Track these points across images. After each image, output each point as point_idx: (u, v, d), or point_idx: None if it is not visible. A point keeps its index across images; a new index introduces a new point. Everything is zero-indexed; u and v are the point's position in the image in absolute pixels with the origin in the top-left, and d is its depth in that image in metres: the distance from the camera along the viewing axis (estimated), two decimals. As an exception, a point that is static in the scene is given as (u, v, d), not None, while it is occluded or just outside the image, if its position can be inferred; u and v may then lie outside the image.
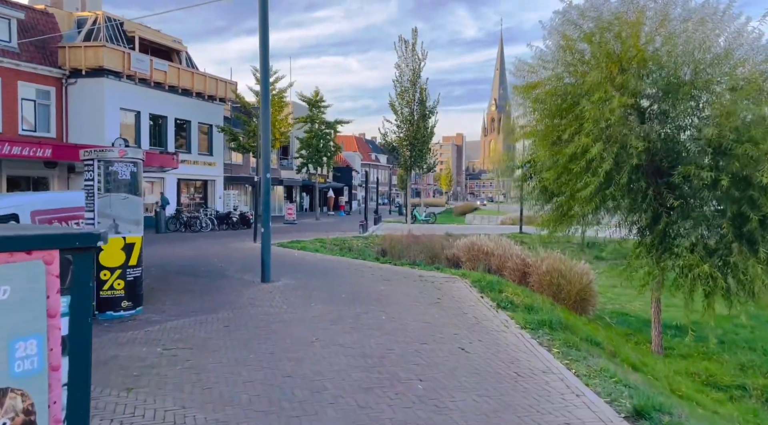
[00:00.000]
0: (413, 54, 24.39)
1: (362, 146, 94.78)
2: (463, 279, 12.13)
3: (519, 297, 9.94)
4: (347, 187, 65.33)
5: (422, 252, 15.94)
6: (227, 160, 39.47)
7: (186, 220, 28.82)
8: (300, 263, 14.87)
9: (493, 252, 14.50)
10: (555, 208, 9.92)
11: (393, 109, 24.81)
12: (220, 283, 11.67)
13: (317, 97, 40.70)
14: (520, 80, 11.72)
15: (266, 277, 11.68)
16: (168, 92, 31.10)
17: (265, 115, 11.64)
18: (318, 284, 11.37)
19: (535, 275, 12.65)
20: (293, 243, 20.19)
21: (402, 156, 25.48)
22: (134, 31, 30.25)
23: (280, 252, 17.65)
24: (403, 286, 11.13)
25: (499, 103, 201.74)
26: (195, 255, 17.16)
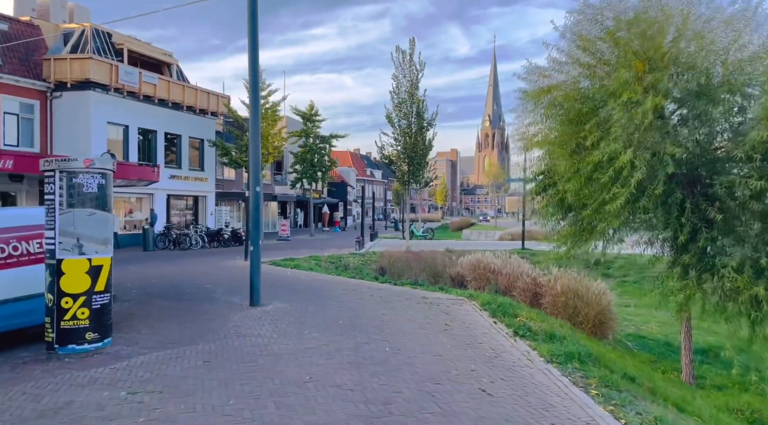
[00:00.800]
0: (410, 65, 23.62)
1: (357, 161, 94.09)
2: (471, 301, 11.11)
3: (536, 323, 8.93)
4: (342, 203, 64.37)
5: (424, 270, 14.93)
6: (219, 176, 38.48)
7: (175, 238, 27.72)
8: (293, 283, 13.82)
9: (500, 271, 13.50)
10: (574, 223, 8.97)
11: (390, 121, 23.97)
12: (205, 307, 10.60)
13: (312, 111, 39.89)
14: (531, 85, 10.87)
15: (255, 301, 10.63)
16: (158, 106, 30.19)
17: (255, 124, 10.69)
18: (312, 308, 10.32)
19: (548, 296, 11.65)
20: (286, 262, 19.13)
21: (399, 170, 24.56)
22: (123, 44, 29.39)
23: (272, 271, 16.59)
24: (406, 310, 10.10)
25: (493, 118, 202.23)
26: (181, 274, 16.07)
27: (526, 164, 11.01)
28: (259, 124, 10.83)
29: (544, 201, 9.95)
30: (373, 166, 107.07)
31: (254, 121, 10.70)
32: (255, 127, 10.75)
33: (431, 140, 24.15)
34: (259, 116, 10.77)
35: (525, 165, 10.86)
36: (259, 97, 10.50)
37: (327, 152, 41.03)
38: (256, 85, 10.63)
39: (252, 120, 10.70)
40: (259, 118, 10.81)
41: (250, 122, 10.77)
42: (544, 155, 10.43)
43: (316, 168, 39.88)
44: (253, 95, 10.58)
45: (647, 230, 8.52)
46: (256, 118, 10.71)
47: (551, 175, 9.42)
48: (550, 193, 9.70)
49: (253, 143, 10.83)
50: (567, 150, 8.56)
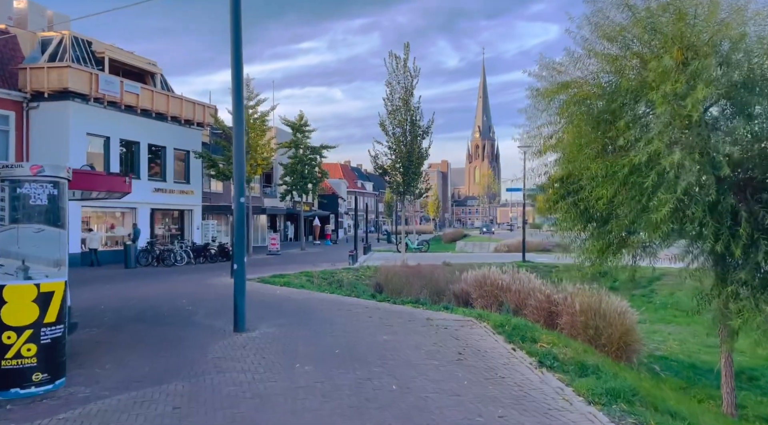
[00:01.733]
0: (405, 71, 22.66)
1: (348, 173, 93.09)
2: (482, 322, 10.00)
3: (560, 349, 7.84)
4: (333, 215, 63.19)
5: (424, 287, 13.82)
6: (206, 189, 37.24)
7: (159, 254, 26.40)
8: (283, 303, 12.64)
9: (509, 287, 12.41)
10: (601, 235, 7.92)
11: (384, 129, 22.95)
12: (183, 334, 9.40)
13: (301, 121, 38.87)
14: (544, 83, 9.88)
15: (240, 326, 9.45)
16: (141, 116, 29.00)
17: (239, 130, 9.59)
18: (304, 333, 9.15)
19: (565, 315, 10.56)
20: (276, 278, 17.94)
21: (394, 180, 23.49)
22: (104, 52, 28.24)
23: (261, 289, 15.39)
24: (410, 334, 8.96)
25: (483, 130, 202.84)
26: (162, 294, 14.83)
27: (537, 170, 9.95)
28: (243, 130, 9.73)
29: (563, 210, 8.90)
30: (364, 178, 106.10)
31: (238, 127, 9.60)
32: (239, 133, 9.65)
33: (427, 149, 23.16)
34: (243, 121, 9.67)
35: (538, 171, 9.80)
36: (243, 101, 9.43)
37: (317, 163, 39.96)
38: (240, 89, 9.55)
39: (235, 126, 9.61)
40: (244, 124, 9.71)
41: (233, 128, 9.67)
42: (561, 159, 9.40)
43: (307, 179, 38.77)
44: (236, 98, 9.49)
45: (691, 241, 7.48)
46: (240, 124, 9.62)
47: (574, 181, 8.38)
48: (569, 201, 8.66)
49: (237, 151, 9.72)
50: (592, 152, 7.54)
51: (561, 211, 9.08)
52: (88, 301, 13.64)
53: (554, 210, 9.20)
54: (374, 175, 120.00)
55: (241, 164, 9.70)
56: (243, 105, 9.55)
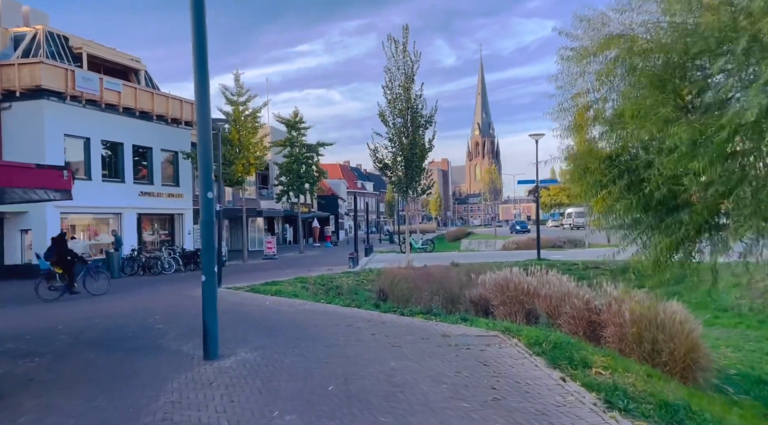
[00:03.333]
0: (404, 55, 20.78)
1: (347, 173, 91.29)
2: (510, 337, 8.12)
3: (624, 377, 5.97)
4: (333, 216, 61.35)
5: (435, 293, 11.94)
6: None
7: (145, 261, 24.55)
8: (270, 318, 10.77)
9: (537, 292, 10.50)
10: (670, 226, 6.04)
11: (383, 120, 21.04)
12: (141, 364, 7.53)
13: (296, 118, 37.03)
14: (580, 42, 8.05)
15: (211, 352, 7.58)
16: (123, 115, 27.14)
17: (202, 106, 7.72)
18: (291, 360, 7.28)
19: (611, 326, 8.64)
20: (267, 286, 16.07)
21: (395, 175, 21.60)
22: (81, 48, 26.43)
23: (248, 300, 13.52)
24: (425, 358, 7.08)
25: (483, 127, 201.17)
26: (136, 309, 12.98)
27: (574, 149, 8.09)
28: (208, 107, 7.86)
29: (613, 196, 7.02)
30: (364, 178, 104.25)
31: (201, 104, 7.73)
32: (202, 112, 7.78)
33: (431, 140, 21.25)
34: (207, 97, 7.80)
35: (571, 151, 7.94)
36: (207, 73, 7.58)
37: (314, 162, 38.10)
38: (203, 56, 7.67)
39: (198, 101, 7.74)
40: (208, 100, 7.83)
41: (195, 103, 7.80)
42: (608, 133, 7.54)
43: (303, 179, 36.92)
44: (199, 67, 7.61)
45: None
46: (204, 100, 7.75)
47: (632, 156, 6.55)
48: (622, 183, 6.79)
49: (200, 133, 7.86)
50: (659, 118, 5.68)
51: (610, 197, 7.20)
52: (47, 320, 11.81)
53: (601, 197, 7.32)
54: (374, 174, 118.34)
55: (206, 150, 7.83)
56: (207, 77, 7.70)
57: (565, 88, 8.36)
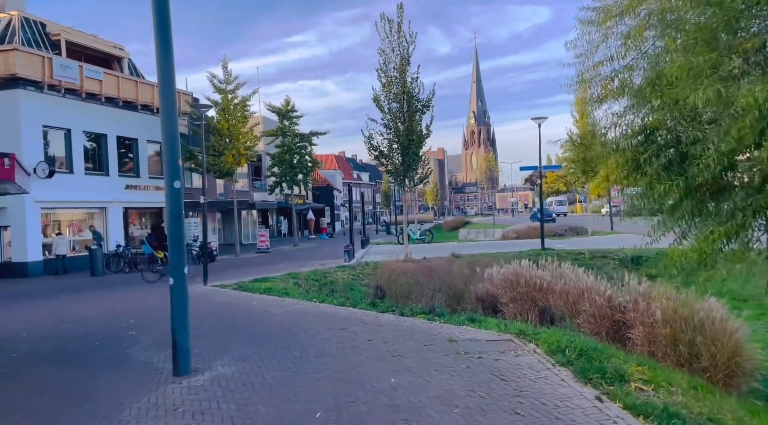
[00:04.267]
0: (399, 35, 19.61)
1: (343, 164, 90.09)
2: (526, 342, 7.10)
3: (670, 395, 4.95)
4: (329, 208, 60.22)
5: (438, 289, 10.90)
6: (188, 184, 34.22)
7: (131, 258, 23.43)
8: (256, 321, 9.72)
9: (552, 288, 9.44)
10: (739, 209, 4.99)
11: (378, 105, 19.88)
12: (100, 382, 6.48)
13: (288, 107, 35.78)
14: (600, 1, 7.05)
15: (182, 367, 6.52)
16: (106, 105, 25.92)
17: (166, 81, 6.61)
18: (274, 377, 6.23)
19: (639, 326, 7.61)
20: (257, 283, 15.02)
21: (391, 163, 20.49)
22: (59, 34, 25.16)
23: (233, 300, 12.47)
24: (431, 371, 6.05)
25: (478, 115, 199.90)
26: (109, 312, 11.92)
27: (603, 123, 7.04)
28: (172, 79, 6.75)
29: (647, 178, 5.98)
30: (360, 169, 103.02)
31: (164, 74, 6.62)
32: (166, 85, 6.68)
33: (428, 125, 20.14)
34: (171, 67, 6.68)
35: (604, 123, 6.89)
36: (170, 38, 6.45)
37: (308, 152, 36.90)
38: (164, 19, 6.56)
39: (160, 73, 6.62)
40: (172, 70, 6.71)
41: (158, 77, 6.69)
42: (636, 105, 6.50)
43: (296, 169, 35.74)
44: (161, 31, 6.49)
45: None
46: (167, 68, 6.64)
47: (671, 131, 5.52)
48: (662, 161, 5.74)
49: (165, 112, 6.75)
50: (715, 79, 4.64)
51: (644, 179, 6.17)
52: (12, 326, 10.75)
53: (634, 178, 6.28)
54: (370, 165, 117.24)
55: (171, 132, 6.73)
56: (170, 46, 6.58)
57: (586, 56, 7.33)
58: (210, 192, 38.27)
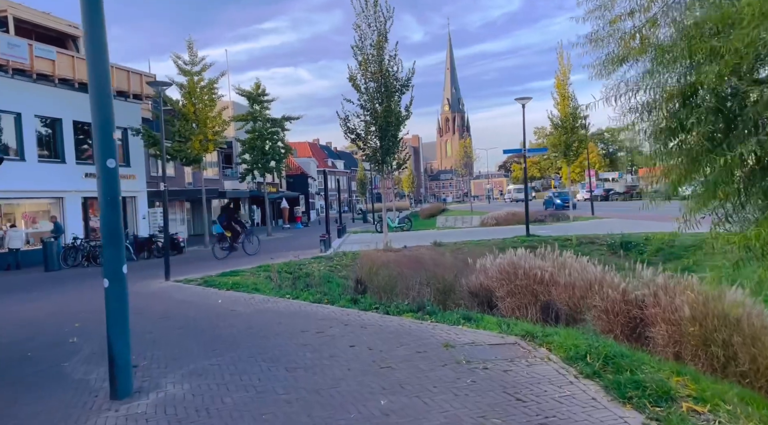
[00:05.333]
0: (375, 10, 18.33)
1: (317, 152, 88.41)
2: (535, 345, 6.05)
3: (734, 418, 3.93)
4: (303, 196, 58.68)
5: (425, 282, 9.81)
6: (154, 172, 32.48)
7: (90, 251, 21.82)
8: (219, 324, 8.48)
9: (555, 280, 8.41)
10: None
11: (354, 84, 18.59)
12: (17, 408, 5.22)
13: (258, 91, 34.16)
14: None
15: (120, 389, 5.28)
16: (60, 87, 24.06)
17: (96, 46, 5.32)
18: (235, 400, 5.05)
19: (662, 324, 6.62)
20: (225, 277, 13.75)
21: (368, 147, 19.28)
22: (5, 11, 23.14)
23: (197, 297, 11.20)
24: (429, 391, 4.94)
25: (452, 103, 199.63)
26: (55, 313, 10.56)
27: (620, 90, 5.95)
28: (103, 33, 5.44)
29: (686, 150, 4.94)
30: (335, 156, 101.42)
31: (92, 26, 5.31)
32: (95, 40, 5.37)
33: (408, 106, 18.96)
34: (101, 16, 5.37)
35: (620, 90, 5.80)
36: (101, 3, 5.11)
37: (280, 138, 35.38)
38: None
39: (87, 30, 5.31)
40: (102, 22, 5.40)
41: (84, 37, 5.38)
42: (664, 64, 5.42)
43: (269, 156, 34.22)
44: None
45: None
46: (96, 25, 5.33)
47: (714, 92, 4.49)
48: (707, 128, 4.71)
49: (95, 75, 5.45)
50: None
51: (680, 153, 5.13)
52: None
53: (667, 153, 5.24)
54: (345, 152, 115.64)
55: (102, 99, 5.44)
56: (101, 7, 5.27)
57: (601, 11, 6.23)
58: (178, 180, 36.53)
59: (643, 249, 18.13)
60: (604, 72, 6.54)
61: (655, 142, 5.21)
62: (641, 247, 18.17)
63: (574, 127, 29.64)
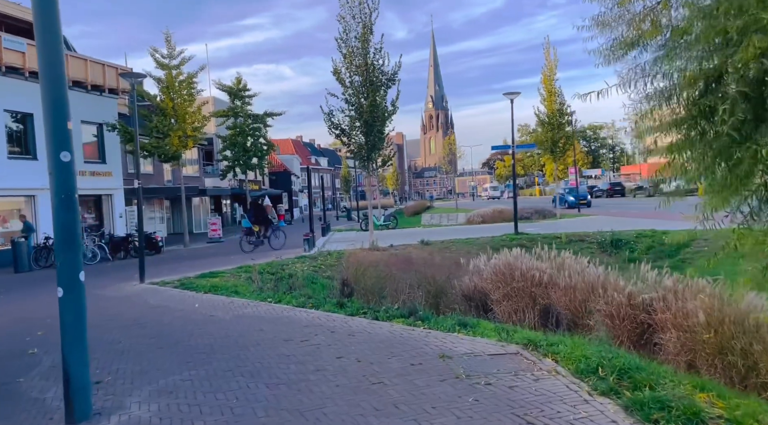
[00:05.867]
0: (360, 1, 17.72)
1: (300, 149, 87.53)
2: (540, 355, 5.55)
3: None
4: (287, 194, 57.85)
5: (416, 284, 9.25)
6: (132, 169, 31.49)
7: (63, 251, 20.88)
8: (194, 332, 7.85)
9: (554, 282, 7.91)
10: None
11: (338, 78, 17.97)
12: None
13: (239, 85, 33.32)
14: None
15: (77, 412, 4.65)
16: (31, 81, 23.00)
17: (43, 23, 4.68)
18: (207, 422, 4.45)
19: (673, 331, 6.13)
20: (203, 279, 13.09)
21: (354, 143, 18.68)
22: (-28, -1, 22.10)
23: (173, 301, 10.54)
24: (428, 413, 4.40)
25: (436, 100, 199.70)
26: (16, 320, 9.83)
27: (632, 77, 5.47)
28: (54, 12, 4.80)
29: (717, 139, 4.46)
30: (318, 154, 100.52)
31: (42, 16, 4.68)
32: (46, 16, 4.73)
33: (394, 101, 18.40)
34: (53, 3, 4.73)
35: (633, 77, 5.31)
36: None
37: (262, 134, 34.57)
38: None
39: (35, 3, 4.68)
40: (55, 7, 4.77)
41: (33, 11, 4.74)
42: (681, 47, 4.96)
43: (250, 153, 33.41)
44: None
45: None
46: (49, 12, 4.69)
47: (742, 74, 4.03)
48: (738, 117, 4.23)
49: (44, 59, 4.82)
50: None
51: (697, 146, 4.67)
52: None
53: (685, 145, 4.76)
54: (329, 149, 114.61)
55: (54, 80, 4.81)
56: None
57: (608, -8, 5.74)
58: (156, 178, 35.54)
59: (634, 247, 17.83)
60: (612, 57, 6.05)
61: (677, 131, 4.72)
62: (632, 245, 17.86)
63: (560, 123, 29.35)
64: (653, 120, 4.89)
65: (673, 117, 4.84)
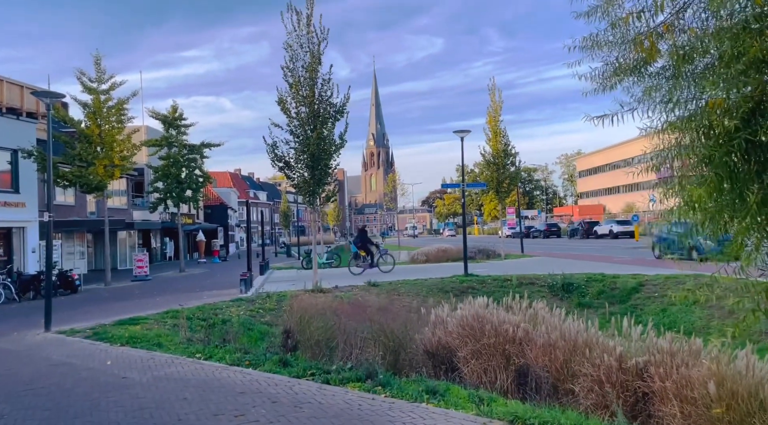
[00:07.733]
0: (309, 31, 16.88)
1: (238, 182, 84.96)
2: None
3: None
4: (222, 228, 55.37)
5: (373, 339, 8.05)
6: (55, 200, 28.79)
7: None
8: (101, 402, 6.33)
9: (531, 338, 6.90)
10: None
11: (283, 107, 16.86)
12: None
13: (175, 114, 31.58)
14: None
15: None
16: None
17: None
18: None
19: (675, 402, 5.25)
20: (121, 327, 11.38)
21: (298, 176, 17.51)
22: None
23: (79, 357, 8.85)
24: None
25: (377, 138, 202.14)
26: None
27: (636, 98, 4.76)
28: None
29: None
30: (257, 188, 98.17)
31: None
32: None
33: (342, 134, 17.46)
34: None
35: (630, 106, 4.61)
36: None
37: (198, 165, 32.75)
38: None
39: None
40: None
41: None
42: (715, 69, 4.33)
43: (184, 185, 31.46)
44: None
45: None
46: None
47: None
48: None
49: None
50: None
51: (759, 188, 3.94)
52: None
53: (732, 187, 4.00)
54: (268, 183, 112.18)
55: None
56: None
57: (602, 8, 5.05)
58: (78, 210, 32.81)
59: (585, 291, 17.39)
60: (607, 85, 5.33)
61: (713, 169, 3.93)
62: (582, 289, 17.41)
63: (505, 164, 29.39)
64: (679, 149, 4.12)
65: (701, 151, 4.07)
